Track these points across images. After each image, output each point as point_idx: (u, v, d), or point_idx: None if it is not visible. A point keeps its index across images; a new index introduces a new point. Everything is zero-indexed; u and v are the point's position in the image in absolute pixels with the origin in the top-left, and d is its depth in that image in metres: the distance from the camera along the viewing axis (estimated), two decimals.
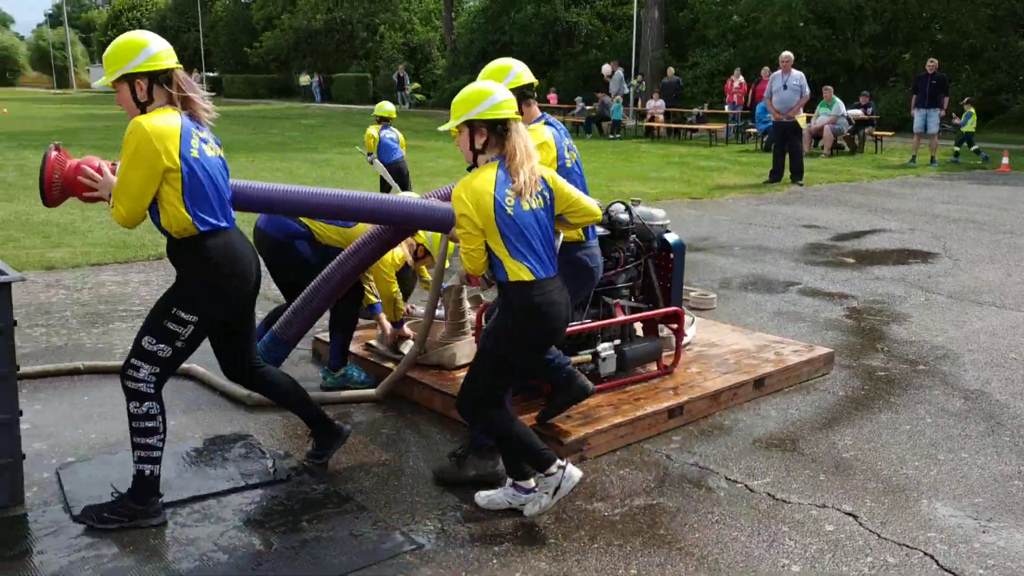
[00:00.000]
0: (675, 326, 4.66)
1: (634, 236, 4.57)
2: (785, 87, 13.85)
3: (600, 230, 4.31)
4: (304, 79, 45.93)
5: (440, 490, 3.63)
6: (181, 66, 3.28)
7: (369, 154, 10.30)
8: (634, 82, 26.97)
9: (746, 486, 3.70)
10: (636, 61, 28.74)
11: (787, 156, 14.05)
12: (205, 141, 3.24)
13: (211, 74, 57.93)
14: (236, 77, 54.92)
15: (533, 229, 3.22)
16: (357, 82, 43.85)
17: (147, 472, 3.26)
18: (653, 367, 4.70)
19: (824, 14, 26.41)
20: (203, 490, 3.55)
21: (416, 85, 36.74)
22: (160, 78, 3.16)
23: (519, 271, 3.19)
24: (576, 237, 3.87)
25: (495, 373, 3.33)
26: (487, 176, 3.20)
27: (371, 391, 4.60)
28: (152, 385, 3.25)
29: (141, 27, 66.50)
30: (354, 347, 4.99)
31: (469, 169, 3.33)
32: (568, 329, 4.15)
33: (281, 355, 4.27)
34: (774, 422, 4.41)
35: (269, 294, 6.60)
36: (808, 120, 16.68)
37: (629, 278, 4.60)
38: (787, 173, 14.10)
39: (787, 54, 14.17)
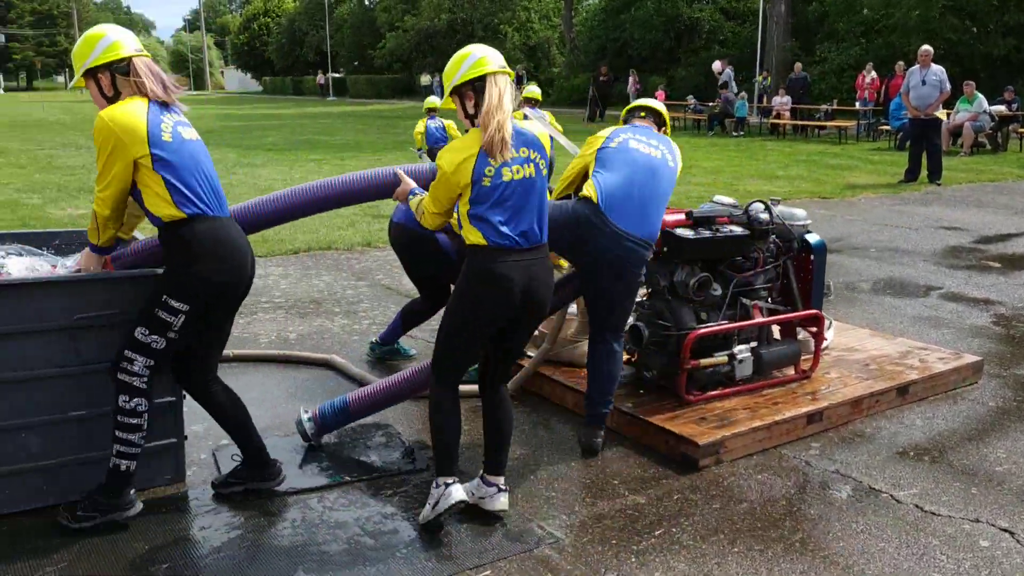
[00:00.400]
0: (814, 329, 4.54)
1: (774, 236, 4.47)
2: (924, 82, 13.23)
3: (739, 230, 4.24)
4: (425, 79, 46.86)
5: (575, 486, 3.66)
6: (147, 54, 3.18)
7: (419, 149, 11.32)
8: (759, 78, 26.29)
9: (892, 496, 3.57)
10: (761, 57, 28.01)
11: (924, 154, 13.42)
12: (183, 124, 3.17)
13: (336, 75, 59.88)
14: (360, 77, 56.58)
15: (514, 199, 3.12)
16: None
17: (123, 467, 3.18)
18: (791, 371, 4.59)
19: (963, 5, 25.05)
20: (347, 476, 3.69)
21: (533, 84, 36.91)
22: (119, 68, 3.09)
23: (473, 235, 3.13)
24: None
25: (451, 335, 3.26)
26: (470, 139, 3.13)
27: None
28: (146, 380, 3.15)
29: (271, 32, 68.81)
30: None
31: None
32: (704, 330, 4.12)
33: (340, 424, 4.04)
34: (920, 431, 4.24)
35: (402, 289, 6.80)
36: (947, 117, 15.88)
37: (768, 279, 4.50)
38: (924, 172, 13.47)
39: (926, 48, 13.53)
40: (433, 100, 11.41)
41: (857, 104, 22.36)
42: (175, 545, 3.16)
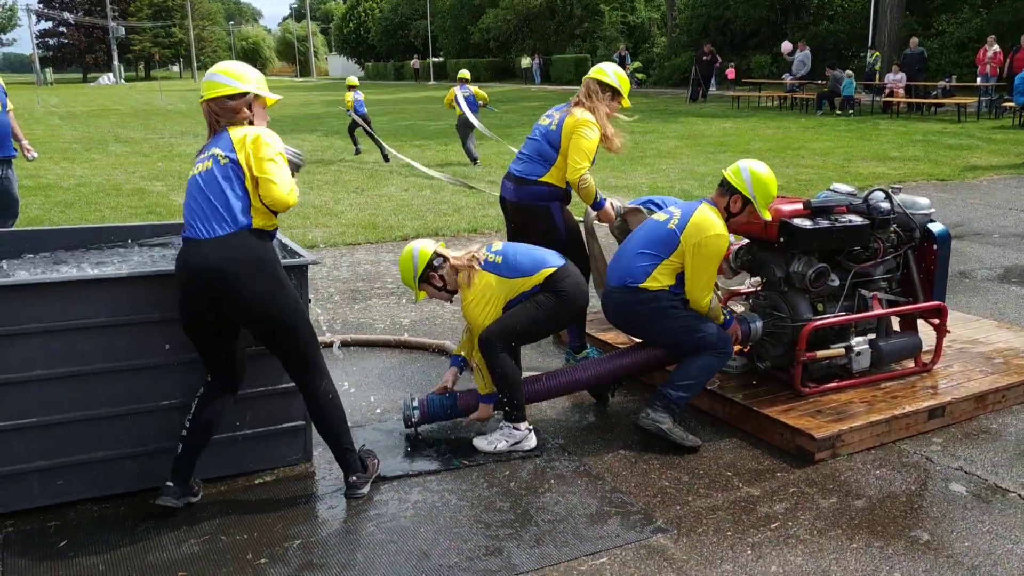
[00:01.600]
0: (937, 321, 4.40)
1: (895, 226, 4.35)
2: None
3: (858, 219, 4.15)
4: (525, 61, 46.90)
5: (689, 476, 3.68)
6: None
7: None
8: (870, 57, 25.25)
9: (1020, 496, 3.46)
10: (873, 32, 26.88)
11: None
12: (200, 159, 3.28)
13: (437, 59, 60.55)
14: (460, 61, 56.98)
15: None
16: (576, 63, 44.14)
17: (177, 449, 3.35)
18: (911, 364, 4.47)
19: None
20: (463, 460, 3.81)
21: (637, 64, 36.38)
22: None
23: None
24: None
25: (528, 335, 3.99)
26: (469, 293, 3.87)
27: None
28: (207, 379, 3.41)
29: (372, 18, 69.81)
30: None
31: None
32: (821, 321, 4.07)
33: (444, 417, 4.14)
34: None
35: None
36: None
37: (888, 270, 4.39)
38: None
39: None
40: (463, 72, 14.48)
41: (978, 80, 21.25)
42: (305, 522, 3.34)
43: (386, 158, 14.68)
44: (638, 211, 4.64)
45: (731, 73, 31.71)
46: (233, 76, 3.30)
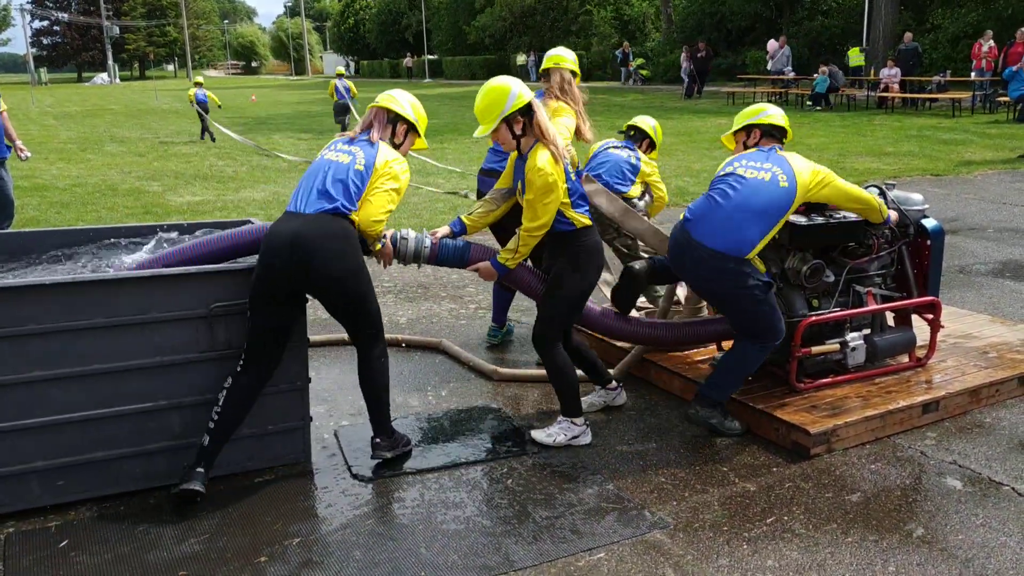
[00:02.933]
0: (931, 316, 4.43)
1: (889, 223, 4.36)
2: None
3: (853, 216, 4.18)
4: (520, 59, 46.84)
5: (685, 472, 3.71)
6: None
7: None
8: (853, 51, 25.24)
9: (1013, 489, 3.49)
10: (868, 26, 26.93)
11: None
12: (335, 149, 3.63)
13: (431, 57, 60.54)
14: (455, 59, 56.98)
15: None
16: None
17: (203, 440, 3.42)
18: (905, 359, 4.50)
19: None
20: (460, 458, 3.83)
21: (640, 61, 36.36)
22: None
23: (582, 219, 3.83)
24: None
25: (572, 310, 3.95)
26: (547, 154, 3.71)
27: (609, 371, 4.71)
28: (240, 363, 3.46)
29: (369, 15, 70.12)
30: None
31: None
32: (816, 317, 4.09)
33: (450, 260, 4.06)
34: None
35: None
36: None
37: (882, 265, 4.42)
38: None
39: None
40: (340, 68, 17.92)
41: (972, 74, 21.29)
42: (304, 521, 3.35)
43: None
44: (590, 180, 4.67)
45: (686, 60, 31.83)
46: (412, 107, 3.77)
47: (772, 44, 27.23)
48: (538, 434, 3.99)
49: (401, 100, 3.74)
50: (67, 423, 3.35)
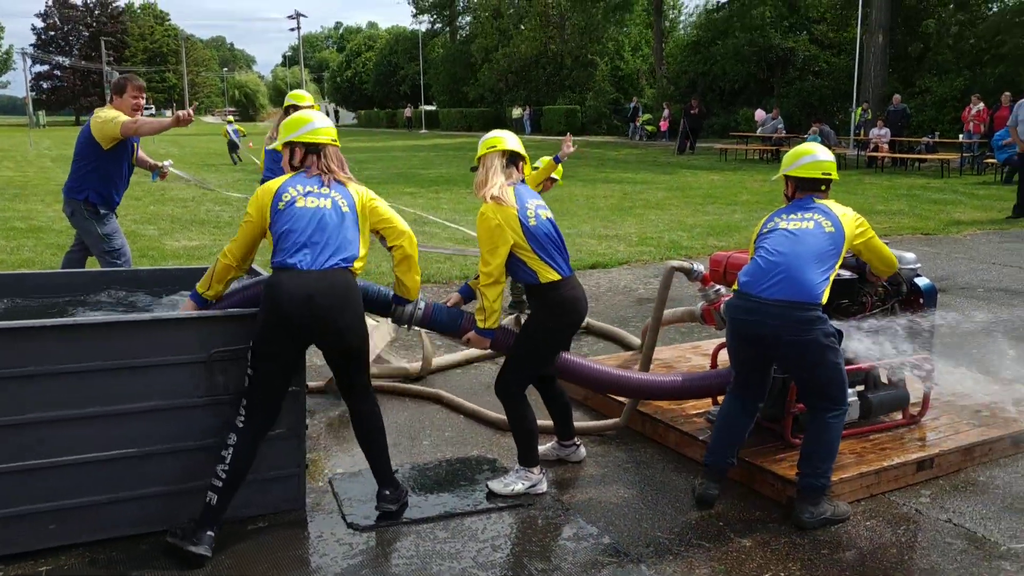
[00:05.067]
0: (924, 374, 4.47)
1: (883, 280, 4.43)
2: None
3: (847, 273, 4.23)
4: (516, 112, 47.51)
5: (681, 527, 3.70)
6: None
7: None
8: (857, 111, 25.82)
9: (1009, 549, 3.49)
10: (858, 88, 27.48)
11: None
12: (307, 195, 3.53)
13: (429, 107, 61.33)
14: (452, 111, 57.72)
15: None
16: (567, 114, 44.78)
17: (207, 498, 3.37)
18: (898, 416, 4.53)
19: None
20: (456, 509, 3.82)
21: (647, 116, 36.88)
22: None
23: (547, 272, 3.81)
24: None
25: (534, 364, 3.95)
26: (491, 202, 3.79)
27: (617, 420, 4.71)
28: (242, 418, 3.42)
29: (368, 69, 71.21)
30: None
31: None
32: None
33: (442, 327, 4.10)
34: None
35: None
36: None
37: (876, 323, 4.46)
38: None
39: None
40: (230, 117, 21.77)
41: (961, 136, 21.68)
42: (298, 569, 3.33)
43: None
44: None
45: (664, 125, 32.44)
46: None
47: (760, 113, 27.93)
48: (495, 484, 3.96)
49: (333, 127, 3.74)
50: (62, 466, 3.33)
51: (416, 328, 4.03)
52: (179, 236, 11.60)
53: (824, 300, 3.64)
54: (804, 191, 3.97)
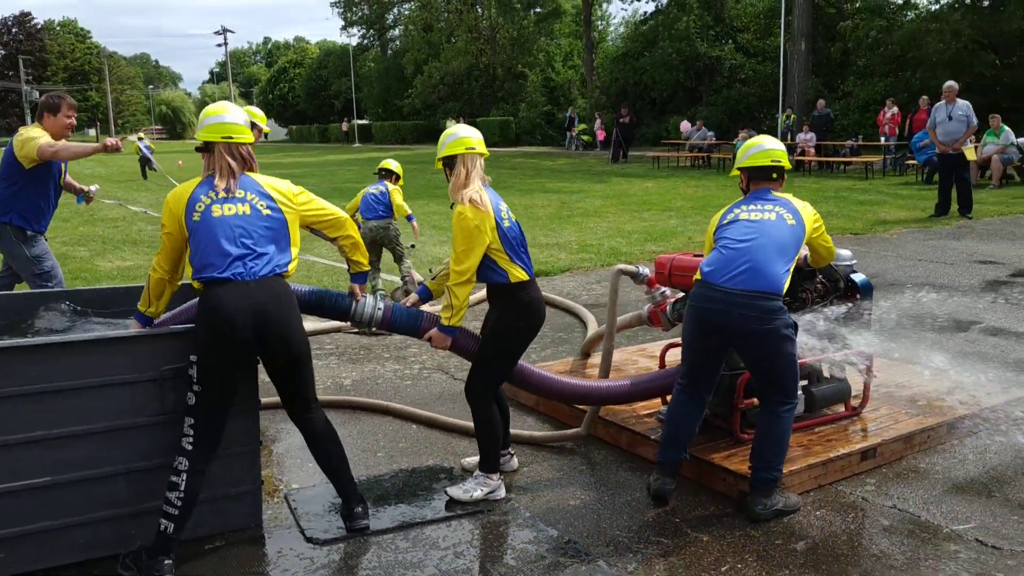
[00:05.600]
0: (863, 366, 4.62)
1: (820, 276, 4.58)
2: (950, 118, 13.32)
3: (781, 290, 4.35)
4: (451, 124, 47.55)
5: (639, 525, 3.76)
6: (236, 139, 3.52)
7: None
8: (782, 116, 26.55)
9: (952, 531, 3.63)
10: (783, 94, 28.26)
11: (954, 188, 13.49)
12: (221, 202, 3.40)
13: (362, 121, 60.96)
14: (385, 124, 57.50)
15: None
16: (501, 125, 45.01)
17: (161, 526, 3.28)
18: (841, 408, 4.67)
19: (988, 38, 25.21)
20: (415, 518, 3.81)
21: (583, 127, 37.25)
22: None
23: (517, 272, 3.86)
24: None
25: (503, 364, 3.99)
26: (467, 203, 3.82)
27: (577, 429, 4.74)
28: (190, 440, 3.33)
29: (299, 83, 70.35)
30: None
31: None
32: None
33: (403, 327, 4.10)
34: (973, 466, 4.30)
35: None
36: (976, 152, 15.92)
37: (815, 318, 4.60)
38: (954, 206, 13.53)
39: (951, 83, 13.64)
40: (141, 133, 23.51)
41: (881, 139, 22.47)
42: None
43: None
44: None
45: (601, 135, 32.94)
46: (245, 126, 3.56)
47: (685, 125, 28.60)
48: (454, 490, 3.98)
49: (241, 122, 3.53)
50: (9, 492, 3.23)
51: (375, 330, 4.02)
52: (111, 257, 11.32)
53: (785, 291, 3.74)
54: (757, 182, 4.05)
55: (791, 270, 3.80)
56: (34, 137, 5.60)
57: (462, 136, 3.98)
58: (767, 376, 3.81)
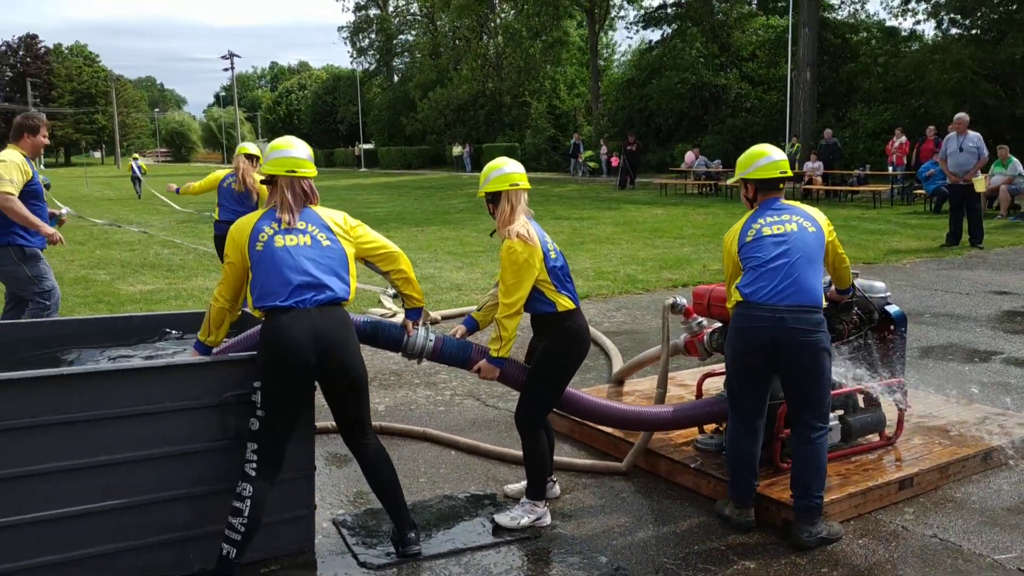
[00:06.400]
0: (897, 396, 4.70)
1: (856, 308, 4.67)
2: (961, 149, 13.48)
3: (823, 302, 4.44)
4: (456, 150, 47.92)
5: (684, 551, 3.82)
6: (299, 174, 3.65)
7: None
8: (787, 145, 26.76)
9: (994, 560, 3.69)
10: (789, 123, 28.50)
11: (965, 219, 13.63)
12: (283, 232, 3.52)
13: (367, 146, 61.34)
14: (391, 149, 57.85)
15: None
16: (506, 151, 45.25)
17: (224, 551, 3.37)
18: (875, 438, 4.74)
19: (991, 69, 25.51)
20: (465, 544, 3.87)
21: (589, 153, 37.50)
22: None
23: (564, 301, 3.96)
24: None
25: (551, 392, 4.05)
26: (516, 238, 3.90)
27: (618, 464, 4.80)
28: (253, 465, 3.44)
29: (304, 106, 70.85)
30: None
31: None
32: None
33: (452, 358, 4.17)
34: (1008, 496, 4.36)
35: None
36: (986, 183, 16.06)
37: (851, 350, 4.69)
38: (965, 236, 13.65)
39: (962, 115, 13.80)
40: (136, 154, 25.31)
41: (889, 169, 22.65)
42: None
43: None
44: None
45: (615, 161, 33.13)
46: (308, 152, 3.72)
47: (690, 156, 28.85)
48: (501, 518, 4.04)
49: (304, 156, 3.68)
50: (74, 516, 3.30)
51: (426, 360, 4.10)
52: (132, 280, 11.42)
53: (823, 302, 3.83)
54: (766, 192, 4.11)
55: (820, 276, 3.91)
56: (5, 179, 5.81)
57: (507, 172, 4.05)
58: (806, 394, 3.86)
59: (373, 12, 63.31)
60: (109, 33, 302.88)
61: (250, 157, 8.17)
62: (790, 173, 4.16)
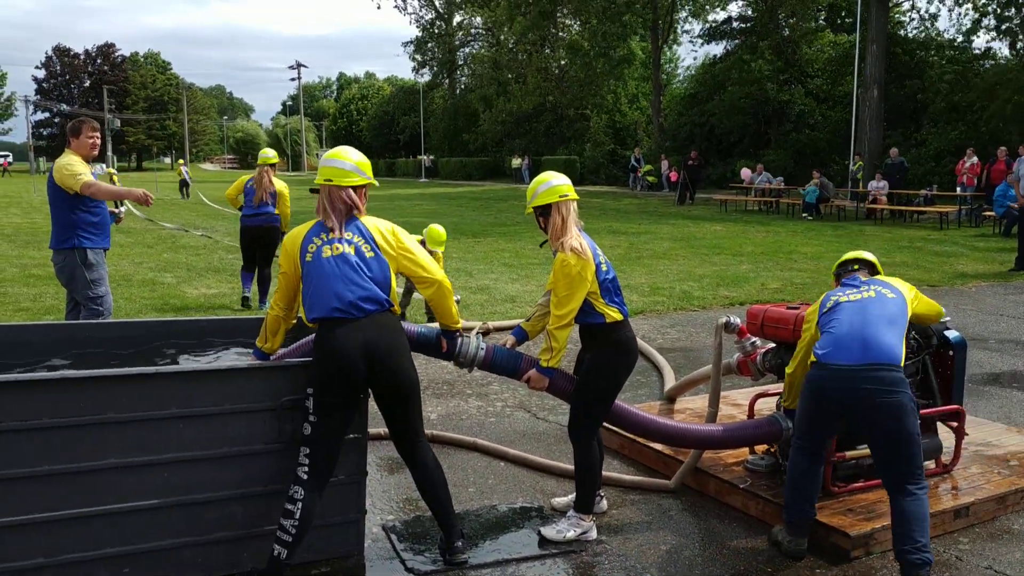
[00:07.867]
0: (955, 424, 4.61)
1: (913, 333, 4.60)
2: None
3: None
4: (516, 162, 48.13)
5: (731, 571, 3.80)
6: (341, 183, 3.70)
7: None
8: (853, 166, 26.31)
9: None
10: (854, 141, 28.01)
11: None
12: (330, 243, 3.60)
13: (427, 157, 62.04)
14: (451, 160, 58.38)
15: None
16: (565, 164, 45.33)
17: (275, 552, 3.46)
18: (931, 465, 4.66)
19: None
20: (511, 555, 3.92)
21: (648, 167, 37.39)
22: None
23: (613, 313, 3.99)
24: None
25: (602, 404, 4.09)
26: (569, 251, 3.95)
27: (667, 481, 4.81)
28: (305, 469, 3.51)
29: (366, 115, 71.97)
30: None
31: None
32: None
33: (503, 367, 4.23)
34: None
35: None
36: None
37: (908, 374, 4.61)
38: None
39: None
40: (180, 160, 24.65)
41: (957, 189, 22.11)
42: None
43: None
44: None
45: (674, 176, 32.83)
46: (361, 166, 3.75)
47: (746, 173, 28.54)
48: (547, 530, 4.08)
49: (345, 166, 3.71)
50: (138, 510, 3.43)
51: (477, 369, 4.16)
52: (197, 284, 11.74)
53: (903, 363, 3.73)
54: (846, 274, 4.22)
55: (904, 339, 3.80)
56: (75, 174, 6.01)
57: (555, 184, 4.10)
58: (895, 452, 3.68)
59: (438, 25, 64.06)
60: (181, 41, 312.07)
61: (272, 165, 9.89)
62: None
